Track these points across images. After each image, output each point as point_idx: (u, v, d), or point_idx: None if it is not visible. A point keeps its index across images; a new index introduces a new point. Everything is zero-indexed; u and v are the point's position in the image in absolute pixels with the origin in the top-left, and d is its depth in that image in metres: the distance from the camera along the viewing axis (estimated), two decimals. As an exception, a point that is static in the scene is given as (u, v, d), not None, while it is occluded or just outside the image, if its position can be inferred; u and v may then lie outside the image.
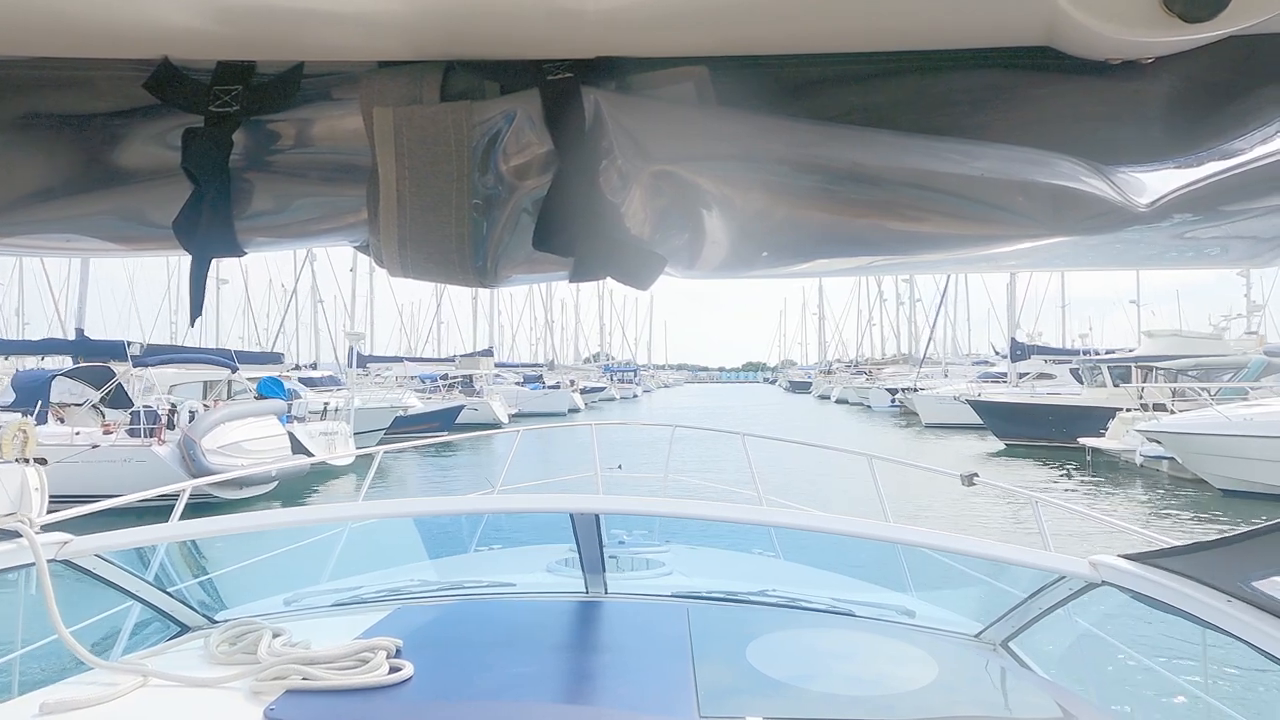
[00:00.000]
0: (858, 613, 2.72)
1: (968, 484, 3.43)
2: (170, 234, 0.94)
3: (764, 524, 3.92)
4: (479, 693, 1.77)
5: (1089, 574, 2.14)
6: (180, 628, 2.46)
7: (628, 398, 70.55)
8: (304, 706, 1.68)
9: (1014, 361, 35.13)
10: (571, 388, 50.58)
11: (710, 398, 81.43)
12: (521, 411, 40.51)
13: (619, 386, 70.91)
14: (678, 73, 0.89)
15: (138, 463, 15.38)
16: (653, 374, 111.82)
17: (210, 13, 0.81)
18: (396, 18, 0.81)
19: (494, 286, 0.96)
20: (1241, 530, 1.66)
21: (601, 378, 69.70)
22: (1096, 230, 0.86)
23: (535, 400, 45.26)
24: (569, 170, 0.88)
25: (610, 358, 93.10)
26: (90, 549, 2.19)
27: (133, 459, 15.44)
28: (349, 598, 2.82)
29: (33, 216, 0.94)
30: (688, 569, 3.81)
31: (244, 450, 16.64)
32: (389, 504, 3.13)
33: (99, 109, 0.93)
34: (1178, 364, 23.91)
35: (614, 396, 64.97)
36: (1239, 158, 0.84)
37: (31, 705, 1.66)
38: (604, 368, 78.77)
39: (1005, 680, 2.10)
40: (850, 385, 62.56)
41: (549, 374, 55.77)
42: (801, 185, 0.87)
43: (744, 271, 0.96)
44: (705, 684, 1.83)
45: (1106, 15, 0.74)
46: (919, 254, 0.92)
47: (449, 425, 28.95)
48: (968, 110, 0.88)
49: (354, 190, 0.94)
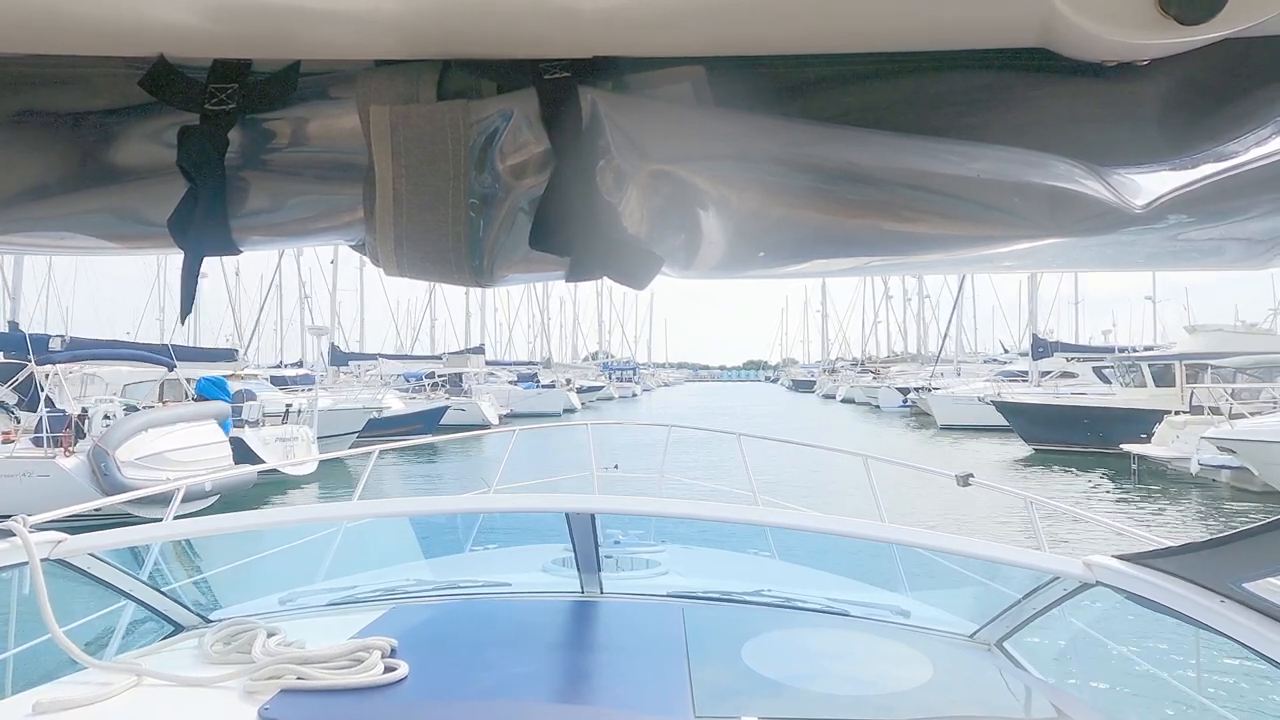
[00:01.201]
0: (853, 613, 2.72)
1: (963, 484, 3.44)
2: (165, 232, 0.93)
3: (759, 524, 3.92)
4: (474, 692, 1.77)
5: (1083, 574, 2.15)
6: (174, 627, 2.46)
7: (626, 397, 69.07)
8: (298, 706, 1.67)
9: (1035, 359, 33.21)
10: (567, 386, 48.98)
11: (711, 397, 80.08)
12: (514, 412, 39.20)
13: (618, 386, 69.50)
14: (675, 72, 0.89)
15: (39, 477, 12.80)
16: (653, 373, 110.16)
17: (206, 11, 0.81)
18: (393, 16, 0.81)
19: (490, 286, 0.96)
20: (1234, 531, 1.67)
21: (599, 376, 68.10)
22: (1092, 231, 0.87)
23: (528, 400, 43.63)
24: (566, 170, 0.88)
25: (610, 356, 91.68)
26: (84, 548, 2.19)
27: (33, 473, 12.80)
28: (344, 597, 2.82)
29: (27, 214, 0.94)
30: (683, 569, 3.81)
31: (169, 462, 14.24)
32: (384, 504, 3.13)
33: (94, 107, 0.92)
34: (1235, 362, 21.21)
35: (612, 396, 63.50)
36: (1234, 159, 0.84)
37: (25, 705, 1.66)
38: (603, 366, 77.28)
39: (1000, 680, 2.10)
40: (857, 384, 60.86)
41: (545, 373, 54.12)
42: (798, 185, 0.87)
43: (741, 272, 0.97)
44: (700, 684, 1.83)
45: (1102, 17, 0.74)
46: (915, 255, 0.92)
47: (432, 427, 26.85)
48: (964, 111, 0.88)
49: (350, 189, 0.94)
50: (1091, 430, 23.15)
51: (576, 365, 69.99)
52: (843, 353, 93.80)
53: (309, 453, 18.61)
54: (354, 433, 23.80)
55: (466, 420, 31.40)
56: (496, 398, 38.75)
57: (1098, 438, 22.58)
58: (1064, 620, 2.71)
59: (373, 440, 21.28)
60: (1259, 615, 1.66)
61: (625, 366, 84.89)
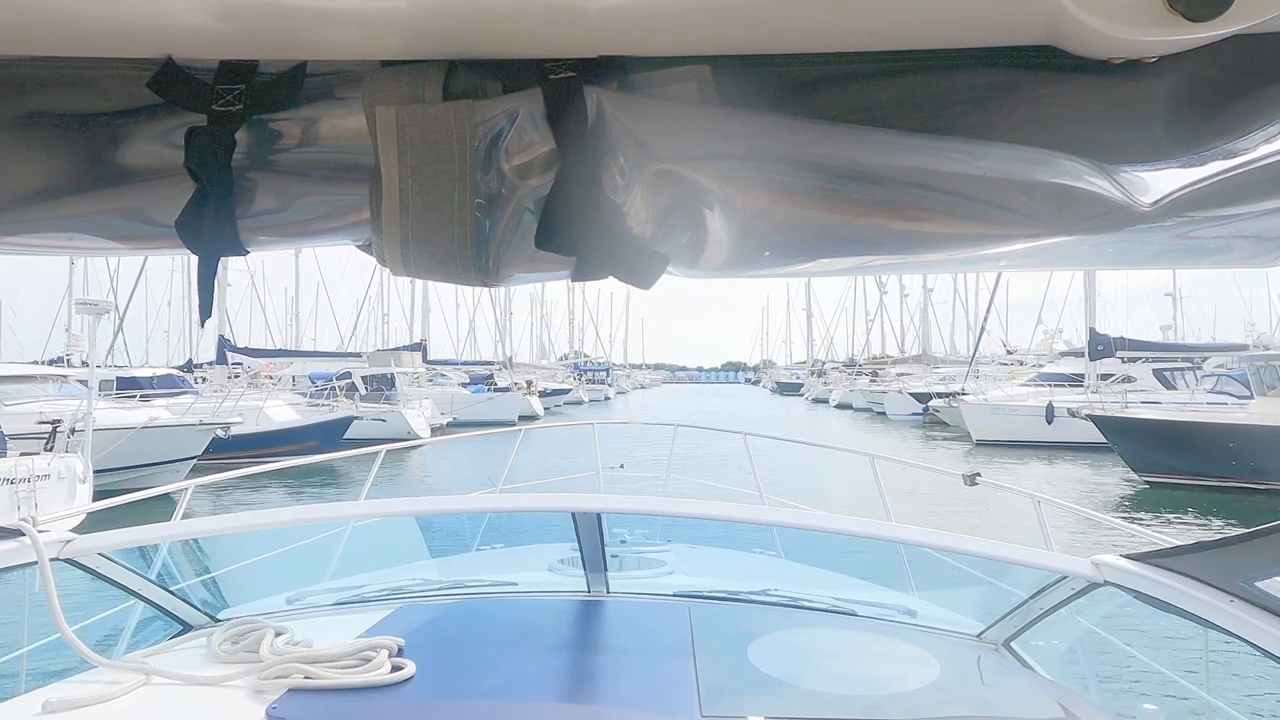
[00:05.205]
0: (859, 612, 2.72)
1: (970, 484, 3.43)
2: (173, 233, 0.94)
3: (766, 523, 3.92)
4: (481, 692, 1.78)
5: (1091, 574, 2.14)
6: (183, 626, 2.47)
7: (598, 400, 62.50)
8: (306, 705, 1.68)
9: (1093, 359, 27.86)
10: (527, 390, 41.41)
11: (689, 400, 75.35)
12: (457, 420, 32.59)
13: (588, 388, 61.89)
14: (680, 72, 0.89)
15: None
16: (627, 374, 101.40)
17: (214, 12, 0.81)
18: (399, 17, 0.81)
19: (496, 285, 0.96)
20: (1243, 530, 1.66)
21: (568, 378, 59.70)
22: (1100, 229, 0.86)
23: (476, 406, 35.93)
24: (571, 169, 0.88)
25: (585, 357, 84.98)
26: (93, 547, 2.20)
27: None
28: (351, 596, 2.82)
29: (37, 215, 0.94)
30: (689, 568, 3.81)
31: None
32: (390, 503, 3.14)
33: (103, 108, 0.93)
34: None
35: (581, 400, 56.12)
36: (1242, 157, 0.84)
37: (34, 703, 1.67)
38: (574, 366, 69.87)
39: (1007, 680, 2.10)
40: (854, 387, 53.56)
41: (504, 374, 45.63)
42: (804, 184, 0.87)
43: (746, 271, 0.97)
44: (707, 683, 1.83)
45: (1109, 14, 0.73)
46: (921, 253, 0.92)
47: (332, 443, 20.79)
48: (970, 109, 0.88)
49: (356, 189, 0.94)
50: (1239, 458, 16.51)
51: (541, 366, 61.22)
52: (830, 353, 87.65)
53: (71, 497, 11.45)
54: (189, 458, 17.14)
55: (388, 433, 24.19)
56: (437, 403, 32.15)
57: (1248, 469, 16.37)
58: (1072, 620, 2.70)
59: (227, 464, 14.55)
60: (1269, 615, 1.65)
61: (598, 367, 77.98)
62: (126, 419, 16.70)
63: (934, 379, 43.74)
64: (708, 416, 42.28)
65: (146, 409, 18.35)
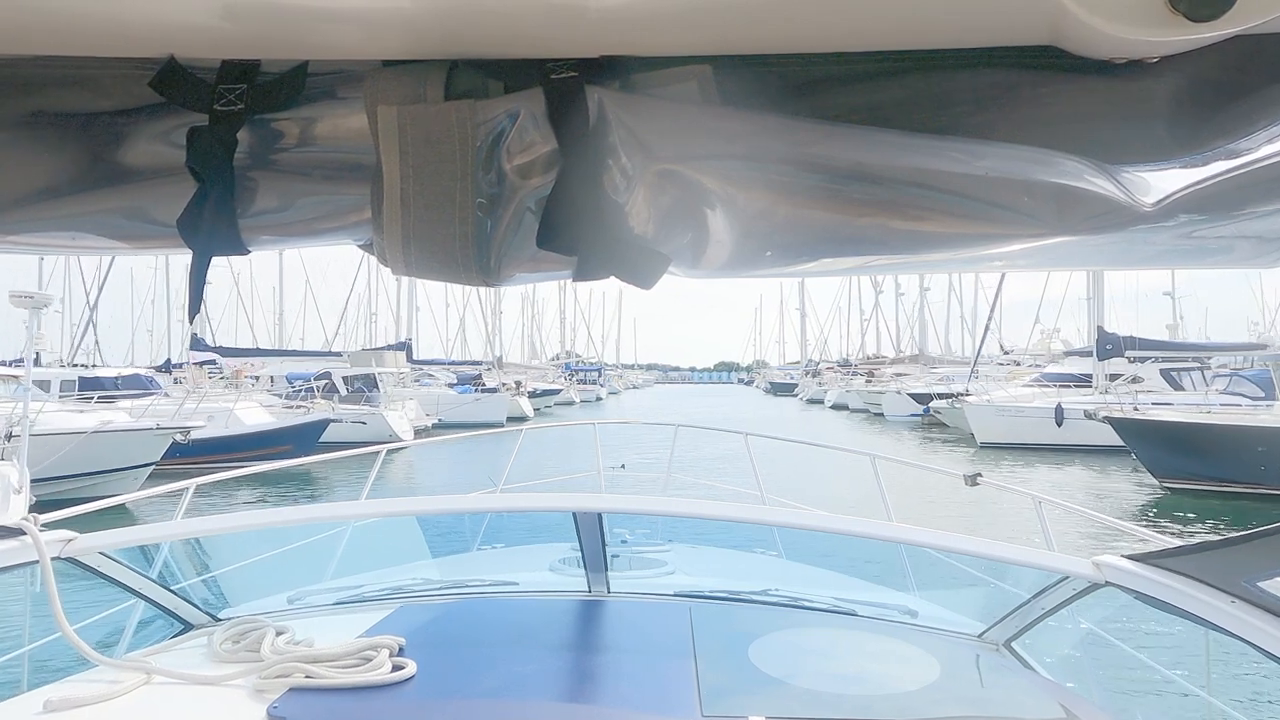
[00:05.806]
0: (860, 612, 2.72)
1: (971, 484, 3.43)
2: (174, 232, 0.94)
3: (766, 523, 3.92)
4: (481, 691, 1.78)
5: (1092, 574, 2.14)
6: (184, 625, 2.47)
7: (589, 401, 61.01)
8: (307, 704, 1.68)
9: (1101, 359, 26.85)
10: (516, 390, 39.87)
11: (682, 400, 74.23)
12: (443, 422, 31.31)
13: (580, 389, 60.24)
14: (681, 72, 0.89)
15: None
16: (620, 374, 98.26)
17: (215, 12, 0.81)
18: (400, 17, 0.81)
19: (498, 285, 0.97)
20: (1244, 531, 1.66)
21: (559, 378, 58.72)
22: (1101, 229, 0.86)
23: (462, 407, 34.74)
24: (573, 169, 0.88)
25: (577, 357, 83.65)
26: (94, 546, 2.20)
27: None
28: (352, 596, 2.83)
29: (38, 214, 0.95)
30: (690, 568, 3.81)
31: None
32: (391, 503, 3.14)
33: (104, 107, 0.93)
34: None
35: (573, 400, 54.74)
36: (1245, 157, 0.84)
37: (35, 702, 1.67)
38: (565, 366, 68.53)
39: (1008, 681, 2.10)
40: (850, 388, 52.22)
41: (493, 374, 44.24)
42: (805, 184, 0.87)
43: (748, 271, 0.96)
44: (708, 683, 1.83)
45: (1111, 14, 0.73)
46: (923, 253, 0.92)
47: (307, 447, 20.07)
48: (972, 109, 0.88)
49: (358, 189, 0.95)
50: (1268, 463, 15.60)
51: (532, 366, 60.18)
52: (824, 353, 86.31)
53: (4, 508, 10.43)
54: (146, 465, 16.16)
55: (369, 436, 23.35)
56: (423, 404, 31.42)
57: (1277, 474, 15.51)
58: (1073, 620, 2.70)
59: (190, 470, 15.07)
60: (1270, 615, 1.65)
61: (590, 368, 76.51)
62: (77, 423, 15.58)
63: (932, 379, 43.03)
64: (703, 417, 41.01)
65: (104, 411, 17.26)
